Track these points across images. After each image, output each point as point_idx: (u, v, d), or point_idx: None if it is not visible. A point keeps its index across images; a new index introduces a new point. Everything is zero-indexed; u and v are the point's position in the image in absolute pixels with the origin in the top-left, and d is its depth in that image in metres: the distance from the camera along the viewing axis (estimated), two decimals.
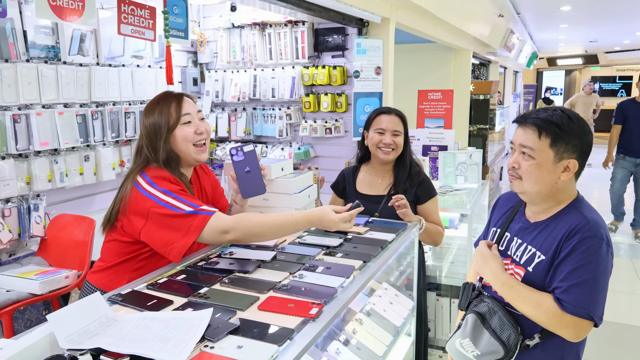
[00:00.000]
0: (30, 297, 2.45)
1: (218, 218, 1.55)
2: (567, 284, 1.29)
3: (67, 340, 1.07)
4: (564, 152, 1.35)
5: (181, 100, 1.68)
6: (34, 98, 2.90)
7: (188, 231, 1.53)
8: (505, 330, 1.37)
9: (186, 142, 1.65)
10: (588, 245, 1.29)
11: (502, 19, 7.82)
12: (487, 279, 1.47)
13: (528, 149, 1.36)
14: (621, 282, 4.22)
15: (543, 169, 1.35)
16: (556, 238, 1.35)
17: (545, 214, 1.43)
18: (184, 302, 1.33)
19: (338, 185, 2.43)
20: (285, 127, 4.21)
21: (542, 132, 1.34)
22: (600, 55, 16.62)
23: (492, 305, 1.42)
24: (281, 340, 1.10)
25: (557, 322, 1.29)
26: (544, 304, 1.31)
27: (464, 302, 1.55)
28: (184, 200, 1.55)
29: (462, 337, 1.46)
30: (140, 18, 2.21)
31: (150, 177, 1.60)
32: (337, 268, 1.54)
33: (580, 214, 1.35)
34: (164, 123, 1.64)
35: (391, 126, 2.23)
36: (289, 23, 4.05)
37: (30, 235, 2.87)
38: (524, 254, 1.42)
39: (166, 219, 1.54)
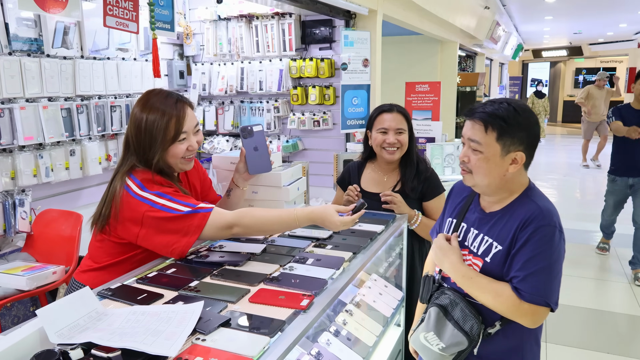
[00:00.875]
0: (17, 294, 2.42)
1: (218, 214, 1.53)
2: (524, 273, 1.31)
3: (57, 335, 1.06)
4: (511, 145, 1.36)
5: (184, 114, 1.58)
6: (17, 92, 2.85)
7: (188, 231, 1.50)
8: (468, 321, 1.39)
9: (175, 158, 1.61)
10: (542, 234, 1.32)
11: (488, 11, 7.86)
12: (447, 272, 1.49)
13: (475, 143, 1.37)
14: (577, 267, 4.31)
15: (491, 162, 1.37)
16: (512, 228, 1.37)
17: (499, 204, 1.45)
18: (174, 295, 1.33)
19: (344, 181, 2.36)
20: (273, 120, 4.20)
21: (489, 126, 1.35)
22: (585, 47, 16.80)
23: (454, 297, 1.44)
24: (272, 332, 1.10)
25: (515, 310, 1.32)
26: (503, 293, 1.34)
27: (426, 295, 1.56)
28: (179, 201, 1.52)
29: (426, 330, 1.47)
30: (124, 10, 2.17)
31: (140, 181, 1.55)
32: (327, 260, 1.55)
33: (534, 203, 1.37)
34: (160, 140, 1.55)
35: (394, 125, 2.16)
36: (275, 15, 4.03)
37: (16, 231, 2.83)
38: (481, 245, 1.44)
39: (163, 222, 1.50)
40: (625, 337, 3.23)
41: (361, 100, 3.95)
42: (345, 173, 2.38)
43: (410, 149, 2.23)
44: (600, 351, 3.04)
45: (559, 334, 3.22)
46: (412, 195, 2.19)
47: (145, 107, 1.57)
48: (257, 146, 1.75)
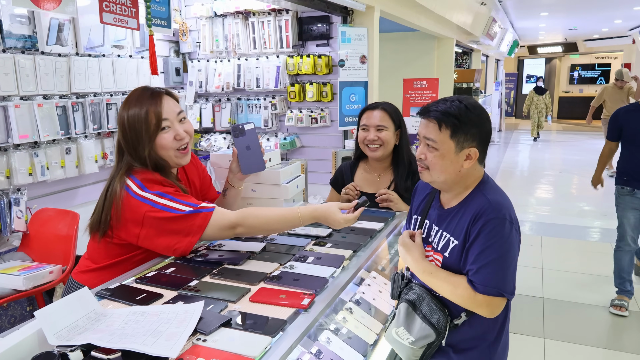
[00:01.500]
0: (13, 293, 2.40)
1: (220, 214, 1.52)
2: (477, 266, 1.36)
3: (56, 336, 1.05)
4: (464, 141, 1.40)
5: (160, 101, 1.56)
6: (12, 89, 2.82)
7: (190, 231, 1.49)
8: (434, 314, 1.44)
9: (166, 150, 1.58)
10: (492, 226, 1.36)
11: (484, 7, 7.86)
12: (410, 267, 1.54)
13: (431, 141, 1.41)
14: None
15: (446, 159, 1.41)
16: (465, 223, 1.42)
17: (456, 200, 1.49)
18: (174, 295, 1.31)
19: (337, 182, 2.34)
20: (270, 117, 4.18)
21: (442, 124, 1.39)
22: (580, 43, 16.84)
23: (420, 292, 1.49)
24: (274, 332, 1.10)
25: (471, 302, 1.37)
26: (459, 286, 1.39)
27: (395, 292, 1.61)
28: (180, 200, 1.50)
29: (397, 326, 1.52)
30: (122, 6, 2.15)
31: (141, 181, 1.53)
32: (327, 258, 1.54)
33: (484, 197, 1.41)
34: (145, 131, 1.54)
35: (374, 121, 2.13)
36: (272, 11, 4.00)
37: (12, 230, 2.81)
38: (440, 240, 1.49)
39: (165, 222, 1.49)
40: (621, 332, 3.25)
41: (359, 97, 3.94)
42: (338, 174, 2.36)
43: (401, 147, 2.20)
44: (596, 346, 3.05)
45: (556, 330, 3.23)
46: (407, 195, 2.18)
47: (125, 107, 1.58)
48: (249, 145, 1.72)
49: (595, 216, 5.83)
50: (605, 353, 2.99)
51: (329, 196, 2.43)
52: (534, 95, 11.98)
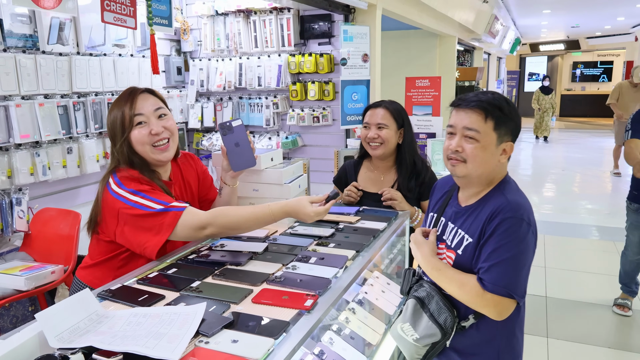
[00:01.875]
0: (15, 294, 2.40)
1: (191, 214, 1.51)
2: (488, 264, 1.34)
3: (57, 339, 1.04)
4: (504, 134, 1.39)
5: (135, 100, 1.60)
6: (13, 89, 2.82)
7: (160, 229, 1.50)
8: (442, 314, 1.42)
9: (141, 144, 1.60)
10: (507, 225, 1.33)
11: (486, 5, 7.83)
12: (420, 264, 1.52)
13: (473, 131, 1.38)
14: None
15: (487, 151, 1.38)
16: (481, 221, 1.39)
17: (475, 197, 1.47)
18: (176, 296, 1.30)
19: (340, 180, 2.33)
20: (272, 116, 4.17)
21: (488, 115, 1.37)
22: (582, 40, 16.79)
23: (430, 290, 1.47)
24: (277, 334, 1.08)
25: (479, 301, 1.34)
26: (467, 284, 1.37)
27: (405, 287, 1.60)
28: (153, 198, 1.52)
29: (403, 321, 1.50)
30: (122, 5, 2.14)
31: (119, 178, 1.57)
32: (330, 258, 1.53)
33: (503, 197, 1.39)
34: (119, 126, 1.59)
35: (375, 119, 2.12)
36: (274, 10, 3.99)
37: (14, 230, 2.80)
38: (454, 238, 1.47)
39: (137, 219, 1.51)
40: (624, 332, 3.23)
41: (361, 96, 3.93)
42: (341, 172, 2.35)
43: (403, 146, 2.19)
44: (600, 346, 3.03)
45: (560, 329, 3.22)
46: (410, 195, 2.17)
47: (109, 111, 1.64)
48: (238, 142, 1.71)
49: (599, 214, 5.80)
50: (608, 352, 2.97)
51: None
52: (540, 94, 11.71)
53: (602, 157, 9.62)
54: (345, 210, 2.05)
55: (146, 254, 1.53)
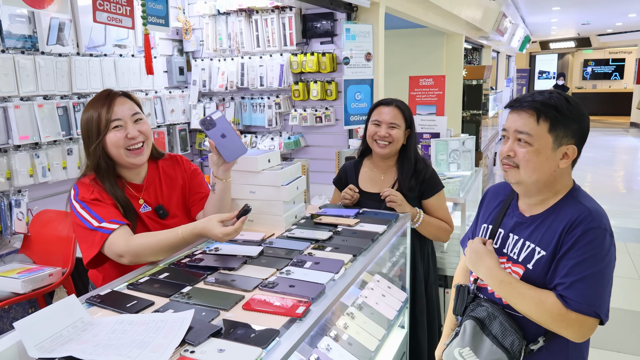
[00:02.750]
0: (13, 296, 2.38)
1: (114, 240, 1.54)
2: (571, 280, 1.20)
3: (36, 348, 1.01)
4: (563, 137, 1.26)
5: (112, 103, 1.61)
6: (12, 90, 2.80)
7: (92, 244, 1.56)
8: (508, 336, 1.28)
9: (116, 147, 1.61)
10: (592, 237, 1.21)
11: (494, 3, 7.73)
12: (482, 277, 1.38)
13: (525, 134, 1.27)
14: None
15: (542, 156, 1.27)
16: (556, 231, 1.26)
17: (541, 207, 1.34)
18: (165, 302, 1.27)
19: (340, 181, 2.30)
20: (274, 116, 4.13)
21: (541, 116, 1.25)
22: (593, 37, 16.58)
23: (492, 310, 1.33)
24: (265, 342, 1.04)
25: (561, 320, 1.20)
26: (546, 301, 1.22)
27: (460, 307, 1.45)
28: (94, 214, 1.57)
29: (461, 346, 1.36)
30: (116, 5, 2.11)
31: (78, 187, 1.63)
32: (325, 263, 1.49)
33: (581, 204, 1.27)
34: (95, 129, 1.60)
35: (388, 118, 2.09)
36: (275, 9, 3.95)
37: (13, 232, 2.80)
38: (522, 251, 1.33)
39: (78, 228, 1.60)
40: None
41: (364, 95, 3.87)
42: (341, 173, 2.32)
43: (408, 147, 2.17)
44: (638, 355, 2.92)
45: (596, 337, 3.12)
46: (411, 194, 2.13)
47: (84, 111, 1.65)
48: (223, 133, 1.68)
49: (610, 214, 5.69)
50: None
51: (333, 196, 2.38)
52: None
53: (614, 156, 9.47)
54: (344, 213, 2.00)
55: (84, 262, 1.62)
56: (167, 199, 1.78)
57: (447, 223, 2.18)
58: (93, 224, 1.55)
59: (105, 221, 1.55)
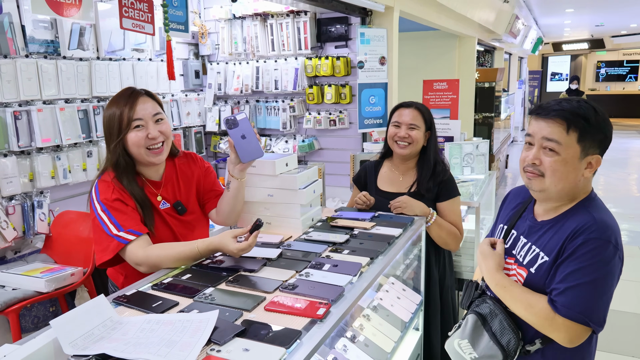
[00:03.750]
0: (36, 295, 2.44)
1: (132, 251, 1.58)
2: (565, 286, 1.22)
3: (71, 345, 1.05)
4: (590, 147, 1.26)
5: (135, 102, 1.63)
6: (35, 94, 2.88)
7: (106, 249, 1.59)
8: (506, 335, 1.32)
9: (137, 147, 1.64)
10: (591, 247, 1.22)
11: (507, 5, 7.71)
12: (484, 277, 1.43)
13: (554, 143, 1.26)
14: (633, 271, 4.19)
15: (569, 165, 1.26)
16: (561, 238, 1.28)
17: (554, 212, 1.35)
18: (189, 303, 1.31)
19: (360, 179, 2.34)
20: (289, 119, 4.17)
21: (571, 125, 1.24)
22: (607, 39, 16.41)
23: (494, 308, 1.37)
24: (288, 343, 1.08)
25: (548, 324, 1.24)
26: (536, 305, 1.26)
27: (466, 301, 1.50)
28: (114, 220, 1.60)
29: (461, 337, 1.41)
30: (140, 12, 2.16)
31: (98, 184, 1.65)
32: (344, 265, 1.52)
33: (588, 214, 1.27)
34: (116, 127, 1.63)
35: (407, 119, 2.13)
36: (290, 13, 3.99)
37: (35, 232, 2.86)
38: (527, 255, 1.36)
39: (97, 229, 1.63)
40: None
41: (378, 99, 3.90)
42: (361, 171, 2.36)
43: (428, 148, 2.20)
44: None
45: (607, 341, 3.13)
46: (428, 195, 2.15)
47: (106, 108, 1.68)
48: (244, 134, 1.73)
49: (623, 218, 5.65)
50: None
51: (352, 194, 2.41)
52: None
53: (628, 159, 9.38)
54: (360, 216, 2.03)
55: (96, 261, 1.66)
56: (185, 196, 1.81)
57: (458, 229, 2.20)
58: (112, 231, 1.58)
59: (123, 230, 1.58)
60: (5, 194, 2.74)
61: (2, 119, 2.73)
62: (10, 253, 2.89)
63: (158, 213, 1.72)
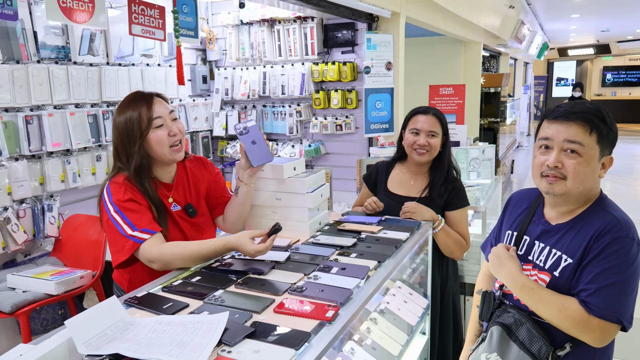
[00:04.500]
0: (46, 298, 2.47)
1: (146, 249, 1.58)
2: (596, 286, 1.21)
3: (85, 345, 1.07)
4: (606, 148, 1.29)
5: (151, 102, 1.65)
6: (46, 99, 2.92)
7: (122, 249, 1.60)
8: (535, 342, 1.30)
9: (161, 145, 1.65)
10: (619, 246, 1.22)
11: (512, 10, 7.72)
12: (504, 282, 1.40)
13: (577, 144, 1.26)
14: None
15: (591, 166, 1.27)
16: (584, 239, 1.27)
17: (569, 215, 1.35)
18: (199, 304, 1.32)
19: (370, 179, 2.33)
20: (295, 124, 4.20)
21: (593, 127, 1.26)
22: (613, 44, 16.36)
23: (518, 316, 1.35)
24: (298, 344, 1.09)
25: (583, 326, 1.22)
26: (569, 307, 1.24)
27: (486, 313, 1.46)
28: (128, 220, 1.60)
29: (489, 351, 1.38)
30: (150, 18, 2.20)
31: (111, 188, 1.65)
32: (351, 269, 1.53)
33: (609, 214, 1.28)
34: (136, 128, 1.63)
35: (426, 127, 2.11)
36: (297, 19, 4.03)
37: (45, 235, 2.89)
38: (548, 258, 1.34)
39: (111, 231, 1.63)
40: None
41: (385, 104, 3.92)
42: (372, 170, 2.34)
43: (443, 154, 2.19)
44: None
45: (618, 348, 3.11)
46: (439, 200, 2.15)
47: (118, 112, 1.68)
48: (254, 140, 1.78)
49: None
50: None
51: (361, 192, 2.40)
52: None
53: (635, 165, 9.34)
54: (367, 220, 2.05)
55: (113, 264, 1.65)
56: (195, 198, 1.83)
57: (465, 240, 2.20)
58: (126, 231, 1.58)
59: (138, 229, 1.59)
60: (16, 197, 2.78)
61: (14, 124, 2.77)
62: (20, 256, 2.92)
63: (170, 215, 1.74)
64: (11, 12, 2.00)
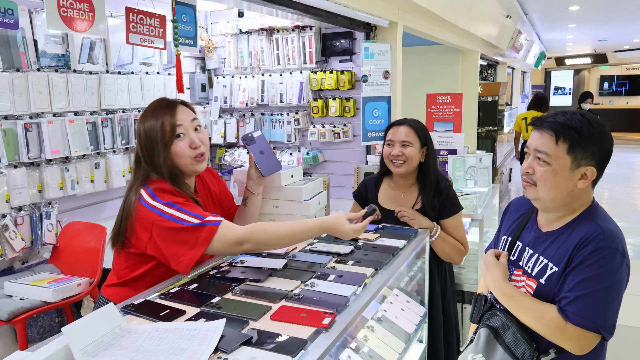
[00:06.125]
0: (43, 305, 2.46)
1: (227, 229, 1.51)
2: (575, 294, 1.24)
3: (82, 352, 1.07)
4: (582, 158, 1.29)
5: (174, 111, 1.60)
6: (45, 107, 2.93)
7: (195, 244, 1.49)
8: (520, 346, 1.32)
9: (182, 157, 1.61)
10: (600, 255, 1.24)
11: (509, 20, 7.78)
12: (490, 288, 1.43)
13: (543, 154, 1.30)
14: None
15: (559, 175, 1.30)
16: (569, 248, 1.30)
17: (558, 223, 1.38)
18: (196, 312, 1.33)
19: (360, 195, 2.33)
20: (293, 132, 4.22)
21: (560, 137, 1.28)
22: (610, 54, 16.48)
23: (506, 320, 1.37)
24: (294, 352, 1.09)
25: (560, 333, 1.25)
26: (547, 314, 1.27)
27: (476, 315, 1.50)
28: (188, 212, 1.51)
29: (475, 352, 1.41)
30: (149, 27, 2.22)
31: (152, 190, 1.56)
32: (348, 276, 1.54)
33: (595, 224, 1.30)
34: (159, 137, 1.58)
35: (399, 137, 2.11)
36: (296, 28, 4.06)
37: (43, 242, 2.89)
38: (535, 266, 1.37)
39: (172, 232, 1.50)
40: None
41: (382, 112, 3.94)
42: (362, 187, 2.34)
43: (427, 165, 2.17)
44: None
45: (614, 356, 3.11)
46: (433, 214, 2.15)
47: (142, 118, 1.62)
48: (262, 150, 1.80)
49: (628, 232, 5.64)
50: None
51: (351, 209, 2.42)
52: None
53: (632, 173, 9.37)
54: None
55: (180, 268, 1.51)
56: (213, 209, 1.82)
57: (463, 245, 2.20)
58: (194, 222, 1.48)
59: (204, 217, 1.49)
60: (15, 204, 2.78)
61: (13, 131, 2.78)
62: (17, 263, 2.91)
63: None
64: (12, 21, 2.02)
